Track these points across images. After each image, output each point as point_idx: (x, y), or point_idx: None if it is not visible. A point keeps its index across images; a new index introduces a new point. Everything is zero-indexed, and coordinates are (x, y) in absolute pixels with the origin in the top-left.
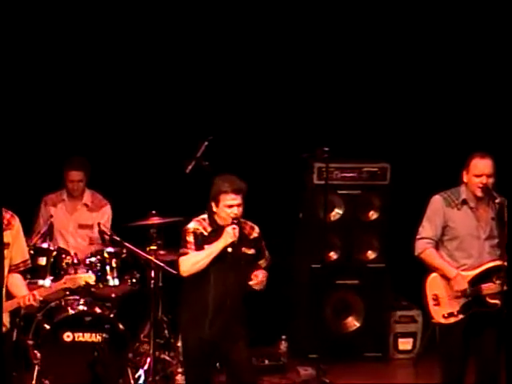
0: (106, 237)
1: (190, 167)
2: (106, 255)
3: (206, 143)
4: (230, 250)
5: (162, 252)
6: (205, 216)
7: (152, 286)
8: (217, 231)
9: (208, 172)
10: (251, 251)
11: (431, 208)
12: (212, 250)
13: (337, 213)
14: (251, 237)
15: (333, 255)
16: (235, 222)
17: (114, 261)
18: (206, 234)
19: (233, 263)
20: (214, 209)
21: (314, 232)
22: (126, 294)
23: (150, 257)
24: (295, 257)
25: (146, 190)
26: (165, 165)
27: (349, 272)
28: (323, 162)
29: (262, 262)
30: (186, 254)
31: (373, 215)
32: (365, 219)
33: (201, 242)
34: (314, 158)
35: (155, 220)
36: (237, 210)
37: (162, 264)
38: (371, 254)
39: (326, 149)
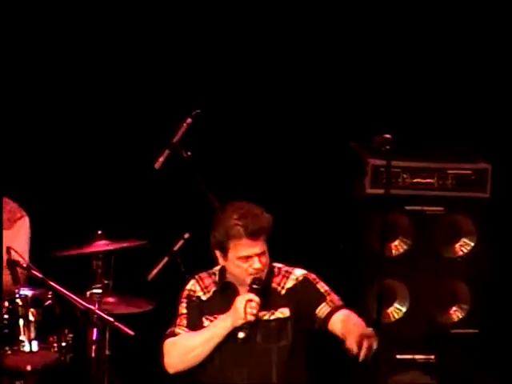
0: (21, 271)
1: (160, 160)
2: (18, 301)
3: (189, 121)
4: (241, 335)
5: (111, 299)
6: (217, 268)
7: (93, 353)
8: (225, 291)
9: (190, 168)
10: (283, 313)
11: None
12: (212, 334)
13: (403, 242)
14: (283, 291)
15: (394, 312)
16: (256, 287)
17: (31, 311)
18: (204, 298)
19: (247, 353)
20: (221, 261)
21: (363, 273)
22: (51, 365)
23: (90, 306)
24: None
25: (87, 198)
26: (119, 158)
27: (420, 341)
28: (382, 157)
29: (320, 311)
30: (173, 334)
31: (462, 248)
32: (448, 254)
33: (197, 312)
34: (367, 150)
35: (101, 246)
36: (259, 264)
37: (110, 318)
38: (457, 313)
39: (388, 136)
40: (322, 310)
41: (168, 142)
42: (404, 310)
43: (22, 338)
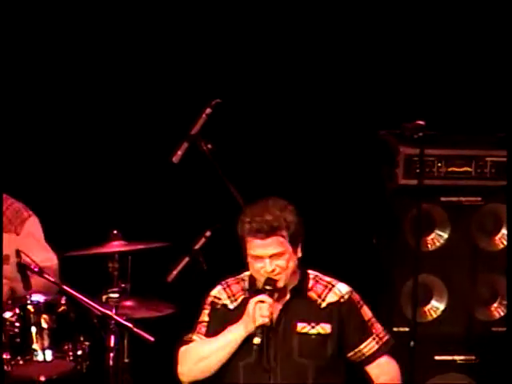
0: (32, 275)
1: (179, 153)
2: (30, 308)
3: (209, 112)
4: (256, 340)
5: (128, 303)
6: (246, 274)
7: (111, 361)
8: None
9: (211, 162)
10: (324, 329)
11: None
12: (224, 342)
13: (438, 236)
14: (324, 304)
15: (430, 311)
16: (269, 288)
17: (44, 318)
18: (231, 307)
19: (282, 364)
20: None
21: (397, 269)
22: (66, 375)
23: (107, 311)
24: None
25: (101, 196)
26: (134, 152)
27: (459, 341)
28: (415, 145)
29: (367, 347)
30: (189, 341)
31: (502, 240)
32: (488, 247)
33: (220, 321)
34: (399, 138)
35: (117, 246)
36: (270, 267)
37: (128, 324)
38: (499, 310)
39: (422, 123)
40: (369, 345)
41: (186, 134)
42: (442, 308)
43: (34, 346)
